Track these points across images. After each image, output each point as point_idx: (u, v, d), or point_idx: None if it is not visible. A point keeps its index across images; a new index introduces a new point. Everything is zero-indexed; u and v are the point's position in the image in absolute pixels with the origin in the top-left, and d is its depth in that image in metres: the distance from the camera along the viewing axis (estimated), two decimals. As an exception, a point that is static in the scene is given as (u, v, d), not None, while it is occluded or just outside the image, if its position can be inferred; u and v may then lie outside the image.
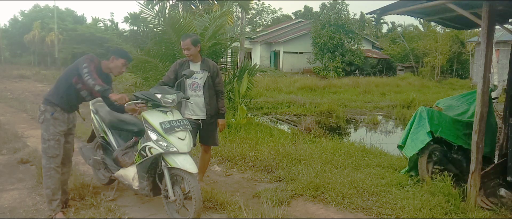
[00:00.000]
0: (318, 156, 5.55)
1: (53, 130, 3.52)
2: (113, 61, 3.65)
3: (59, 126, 3.56)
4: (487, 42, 3.80)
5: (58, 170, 3.59)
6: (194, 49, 4.08)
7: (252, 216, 3.55)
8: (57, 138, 3.54)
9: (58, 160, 3.58)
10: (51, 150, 3.52)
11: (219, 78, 4.31)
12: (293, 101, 12.94)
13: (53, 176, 3.54)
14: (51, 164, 3.54)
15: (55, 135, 3.53)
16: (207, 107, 4.20)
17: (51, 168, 3.54)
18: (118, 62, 3.64)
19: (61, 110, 3.56)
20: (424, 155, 4.52)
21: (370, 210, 3.90)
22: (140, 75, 8.72)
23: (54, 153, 3.54)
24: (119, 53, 3.69)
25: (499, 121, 5.71)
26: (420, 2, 4.07)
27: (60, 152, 3.58)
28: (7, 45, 39.61)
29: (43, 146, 3.54)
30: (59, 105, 3.55)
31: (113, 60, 3.65)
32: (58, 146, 3.55)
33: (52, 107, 3.54)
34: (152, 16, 8.13)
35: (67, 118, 3.63)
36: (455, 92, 16.12)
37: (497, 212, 3.85)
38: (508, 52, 5.86)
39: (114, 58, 3.65)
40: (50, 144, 3.51)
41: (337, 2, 29.17)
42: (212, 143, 4.40)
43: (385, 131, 9.95)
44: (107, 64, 3.68)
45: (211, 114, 4.24)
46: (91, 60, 3.49)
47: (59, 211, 3.57)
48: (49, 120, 3.51)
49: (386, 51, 36.07)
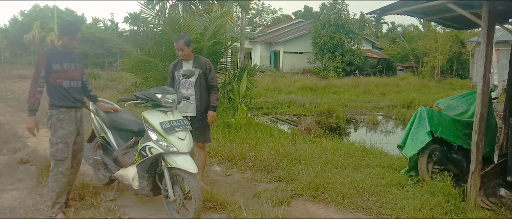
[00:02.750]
0: (318, 156, 5.55)
1: (61, 133, 3.48)
2: (61, 40, 3.53)
3: (67, 127, 3.52)
4: (487, 42, 3.80)
5: (66, 173, 3.55)
6: (187, 50, 4.19)
7: (252, 216, 3.55)
8: (66, 141, 3.50)
9: (67, 163, 3.54)
10: (59, 153, 3.48)
11: (212, 74, 4.34)
12: (293, 101, 12.94)
13: (60, 180, 3.50)
14: (59, 167, 3.50)
15: (64, 138, 3.49)
16: (197, 104, 4.25)
17: (59, 172, 3.50)
18: (65, 39, 3.51)
19: (66, 110, 3.53)
20: (424, 155, 4.51)
21: (370, 210, 3.90)
22: (140, 75, 8.71)
23: (63, 156, 3.49)
24: (62, 30, 3.54)
25: (499, 121, 5.71)
26: (420, 2, 4.07)
27: (68, 155, 3.53)
28: (7, 45, 39.62)
29: (51, 149, 3.51)
30: (62, 105, 3.51)
31: (60, 38, 3.54)
32: (66, 149, 3.51)
33: (57, 110, 3.50)
34: (152, 16, 8.13)
35: (74, 116, 3.59)
36: (455, 92, 16.12)
37: (497, 212, 3.85)
38: (508, 52, 5.86)
39: (60, 36, 3.54)
40: (59, 147, 3.47)
41: (337, 2, 29.18)
42: (203, 140, 4.39)
43: (385, 131, 9.94)
44: (59, 45, 3.56)
45: (202, 110, 4.27)
46: (39, 62, 3.42)
47: (60, 212, 3.56)
48: (55, 123, 3.48)
49: (386, 51, 36.07)
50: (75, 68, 3.61)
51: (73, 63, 3.59)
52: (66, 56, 3.55)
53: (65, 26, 3.60)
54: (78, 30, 3.58)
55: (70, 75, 3.55)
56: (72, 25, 3.59)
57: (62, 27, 3.59)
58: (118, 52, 24.48)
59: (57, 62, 3.46)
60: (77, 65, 3.64)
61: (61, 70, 3.48)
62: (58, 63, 3.46)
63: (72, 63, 3.58)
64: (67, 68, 3.52)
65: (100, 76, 19.36)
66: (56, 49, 3.56)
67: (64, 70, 3.49)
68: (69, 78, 3.54)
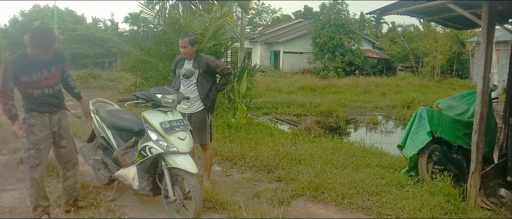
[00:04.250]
0: (318, 156, 5.55)
1: (32, 138, 3.28)
2: (33, 50, 3.15)
3: (39, 132, 3.30)
4: (487, 42, 3.80)
5: (41, 179, 3.40)
6: (190, 48, 4.23)
7: (252, 216, 3.55)
8: (38, 147, 3.29)
9: (40, 169, 3.37)
10: (31, 159, 3.30)
11: (219, 67, 4.35)
12: (293, 101, 12.94)
13: (35, 185, 3.37)
14: (33, 173, 3.33)
15: (35, 143, 3.28)
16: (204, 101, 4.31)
17: (33, 178, 3.35)
18: (37, 51, 3.12)
19: (38, 114, 3.30)
20: (424, 155, 4.51)
21: (370, 210, 3.90)
22: (140, 75, 8.72)
23: (34, 163, 3.31)
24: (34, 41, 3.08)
25: (499, 121, 5.71)
26: (420, 2, 4.07)
27: (41, 161, 3.34)
28: (7, 45, 39.57)
29: (24, 155, 3.35)
30: (34, 109, 3.29)
31: (32, 48, 3.15)
32: (38, 155, 3.31)
33: (28, 113, 3.29)
34: (152, 16, 8.13)
35: (48, 121, 3.36)
36: (455, 92, 16.12)
37: (497, 212, 3.85)
38: (508, 52, 5.86)
39: (31, 46, 3.13)
40: (30, 153, 3.29)
41: (337, 2, 29.17)
42: (199, 141, 4.38)
43: (385, 131, 9.94)
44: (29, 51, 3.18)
45: (207, 104, 4.33)
46: (5, 73, 3.11)
47: (45, 214, 3.50)
48: (27, 128, 3.27)
49: (386, 51, 36.06)
50: (49, 75, 3.30)
51: (46, 71, 3.27)
52: (37, 65, 3.21)
53: (38, 35, 3.12)
54: (53, 42, 3.16)
55: (42, 85, 3.26)
56: (46, 35, 3.15)
57: (34, 37, 3.09)
58: (118, 52, 24.51)
59: (26, 73, 3.16)
60: (52, 70, 3.33)
61: (31, 81, 3.20)
62: (27, 75, 3.16)
63: (45, 71, 3.26)
64: (38, 78, 3.22)
65: (100, 76, 19.36)
66: (25, 56, 3.17)
67: (34, 81, 3.21)
68: (42, 87, 3.27)
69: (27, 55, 3.20)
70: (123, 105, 3.99)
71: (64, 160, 3.63)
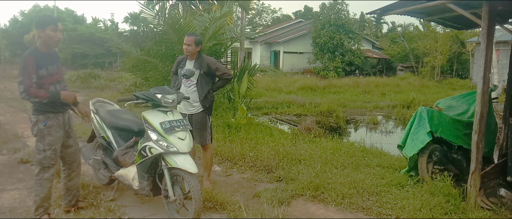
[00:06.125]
0: (318, 156, 5.55)
1: (49, 139, 3.32)
2: (43, 35, 3.24)
3: (55, 133, 3.36)
4: (487, 42, 3.80)
5: (52, 179, 3.43)
6: (194, 47, 4.26)
7: (252, 216, 3.55)
8: (54, 147, 3.35)
9: (54, 169, 3.42)
10: (47, 160, 3.34)
11: (218, 69, 4.36)
12: (293, 101, 12.94)
13: (45, 185, 3.38)
14: (46, 173, 3.36)
15: (52, 144, 3.33)
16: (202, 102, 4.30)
17: (44, 178, 3.37)
18: (48, 31, 3.21)
19: (54, 115, 3.35)
20: (424, 155, 4.51)
21: (370, 210, 3.90)
22: (140, 75, 8.72)
23: (50, 163, 3.36)
24: (41, 24, 3.22)
25: (499, 121, 5.71)
26: (420, 2, 4.07)
27: (56, 161, 3.41)
28: (7, 45, 39.57)
29: (39, 156, 3.35)
30: (49, 111, 3.33)
31: (41, 34, 3.23)
32: (54, 155, 3.37)
33: (44, 116, 3.32)
34: (152, 16, 8.13)
35: (62, 121, 3.43)
36: (455, 92, 16.12)
37: (497, 212, 3.85)
38: (508, 52, 5.86)
39: (40, 31, 3.22)
40: (47, 154, 3.32)
41: (337, 2, 29.18)
42: (199, 141, 4.39)
43: (385, 131, 9.95)
44: (40, 45, 3.29)
45: (206, 105, 4.33)
46: (23, 66, 3.16)
47: (45, 214, 3.49)
48: (43, 130, 3.30)
49: (386, 51, 36.07)
50: (58, 71, 3.40)
51: (56, 65, 3.37)
52: (49, 58, 3.31)
53: (43, 18, 3.33)
54: (58, 20, 3.31)
55: (55, 79, 3.34)
56: (50, 17, 3.34)
57: (40, 21, 3.26)
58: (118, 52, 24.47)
59: (42, 66, 3.23)
60: (59, 66, 3.43)
61: (47, 75, 3.26)
62: (44, 68, 3.23)
63: (55, 65, 3.36)
64: (52, 72, 3.31)
65: (100, 76, 19.34)
66: (38, 50, 3.27)
67: (49, 75, 3.28)
68: (54, 83, 3.34)
69: (39, 50, 3.29)
70: (123, 105, 3.99)
71: (70, 160, 3.64)
